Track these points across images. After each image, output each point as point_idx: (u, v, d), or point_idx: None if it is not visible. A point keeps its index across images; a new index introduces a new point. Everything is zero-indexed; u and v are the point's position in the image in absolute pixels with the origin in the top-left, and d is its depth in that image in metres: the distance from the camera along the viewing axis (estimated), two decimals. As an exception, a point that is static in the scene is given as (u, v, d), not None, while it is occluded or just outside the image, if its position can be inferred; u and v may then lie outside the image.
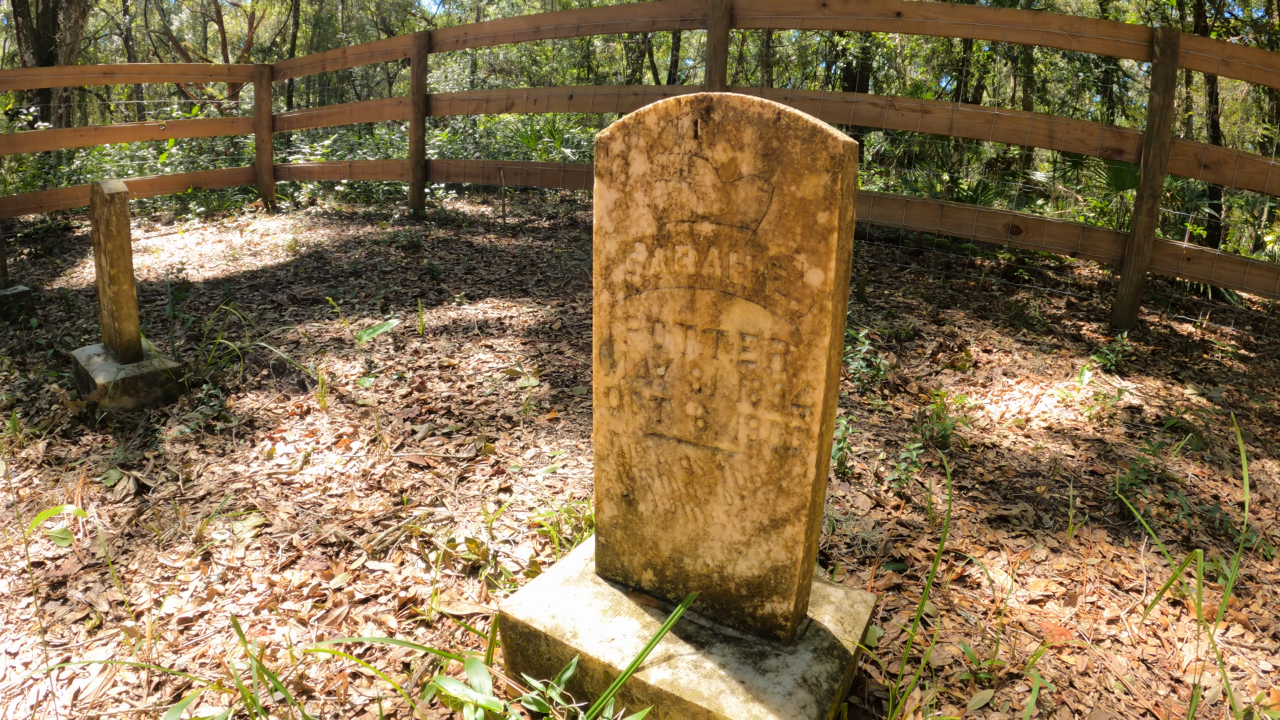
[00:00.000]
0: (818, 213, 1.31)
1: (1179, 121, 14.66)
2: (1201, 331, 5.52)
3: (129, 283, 3.66)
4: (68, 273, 6.41)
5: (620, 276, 1.55)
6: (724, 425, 1.53)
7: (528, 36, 7.51)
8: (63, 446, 3.29)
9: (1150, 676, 2.06)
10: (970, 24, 5.55)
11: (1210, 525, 2.86)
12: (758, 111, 1.32)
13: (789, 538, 1.53)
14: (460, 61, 20.68)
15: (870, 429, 3.42)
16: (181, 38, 23.29)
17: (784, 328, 1.40)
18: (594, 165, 1.52)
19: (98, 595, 2.33)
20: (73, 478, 3.01)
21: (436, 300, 5.19)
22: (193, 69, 10.99)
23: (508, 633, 1.79)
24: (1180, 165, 5.03)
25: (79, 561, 2.51)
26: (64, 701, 1.91)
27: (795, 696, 1.48)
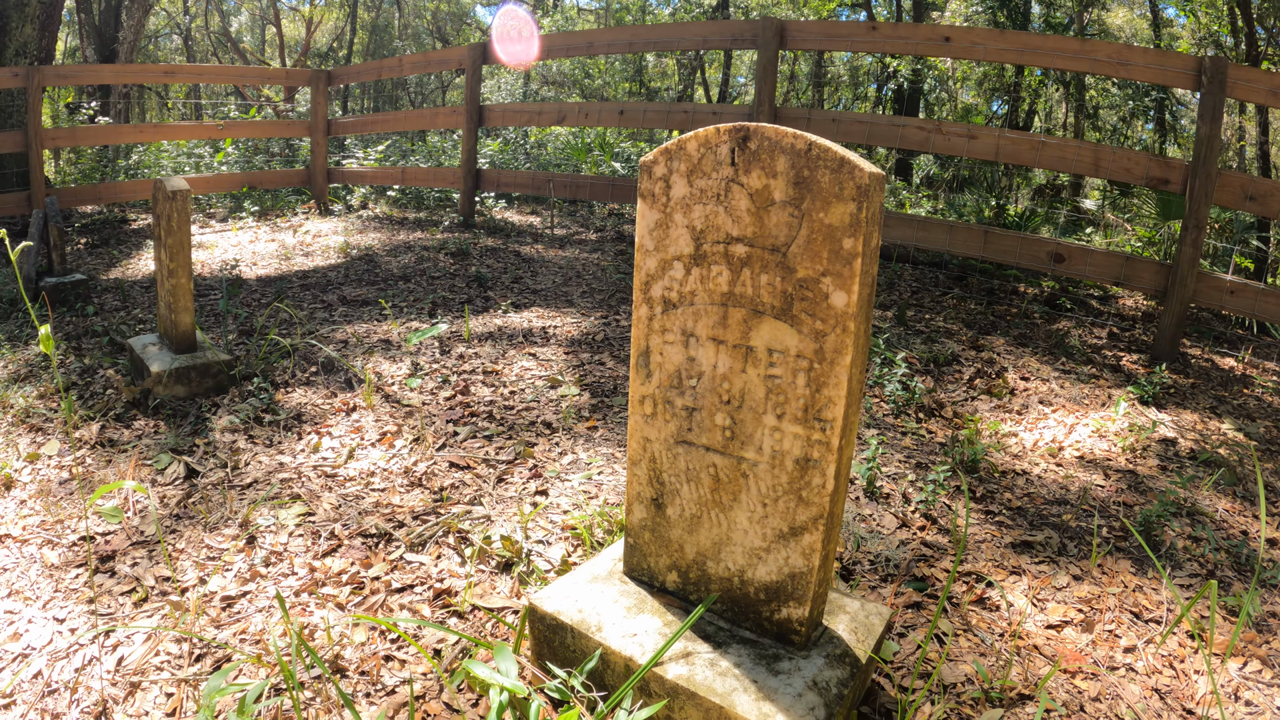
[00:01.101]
0: (844, 239, 1.39)
1: (1231, 151, 14.48)
2: (1243, 366, 5.48)
3: (187, 277, 3.80)
4: (123, 264, 6.60)
5: (659, 292, 1.64)
6: (750, 436, 1.62)
7: (581, 51, 7.64)
8: (115, 429, 3.42)
9: (1163, 706, 2.09)
10: (1018, 50, 5.59)
11: (1236, 560, 2.86)
12: (790, 142, 1.40)
13: (807, 546, 1.61)
14: (514, 73, 20.92)
15: (902, 451, 3.47)
16: (240, 39, 23.76)
17: (809, 346, 1.47)
18: (638, 186, 1.61)
19: (145, 570, 2.44)
20: (125, 459, 3.14)
21: (483, 307, 5.30)
22: (251, 71, 11.25)
23: (536, 624, 1.88)
24: (1226, 197, 5.02)
25: (128, 538, 2.62)
26: (108, 667, 2.01)
27: (804, 698, 1.55)
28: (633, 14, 18.00)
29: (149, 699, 1.93)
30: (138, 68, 9.35)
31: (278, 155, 11.59)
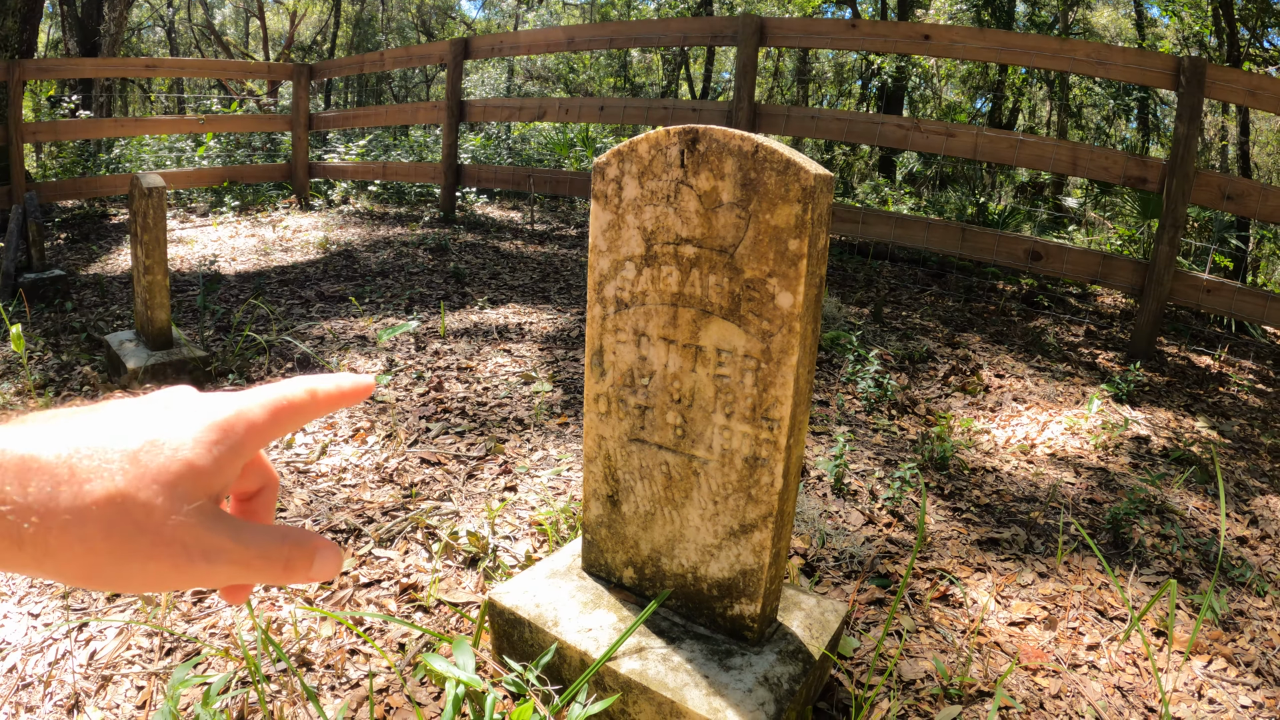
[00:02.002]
0: (789, 240, 1.40)
1: (1213, 151, 14.56)
2: (1219, 364, 5.52)
3: (163, 273, 3.79)
4: (103, 259, 6.57)
5: (611, 292, 1.65)
6: (700, 434, 1.63)
7: (562, 47, 7.63)
8: (89, 427, 3.40)
9: (1124, 704, 2.10)
10: (997, 49, 5.61)
11: (1205, 558, 2.88)
12: (738, 144, 1.41)
13: (757, 543, 1.62)
14: (498, 67, 20.87)
15: (872, 448, 3.49)
16: (224, 32, 23.64)
17: (756, 346, 1.49)
18: (591, 187, 1.62)
19: (118, 566, 2.44)
20: (99, 458, 3.13)
21: (460, 303, 5.30)
22: (233, 65, 11.20)
23: (495, 619, 1.89)
24: (1204, 196, 5.05)
25: (101, 535, 2.61)
26: (80, 660, 2.02)
27: (755, 694, 1.57)
28: (618, 9, 17.98)
29: (120, 692, 1.94)
30: (119, 61, 9.30)
31: (259, 150, 11.53)
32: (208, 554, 0.49)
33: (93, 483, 0.46)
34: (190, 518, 0.48)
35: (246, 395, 0.54)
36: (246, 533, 0.51)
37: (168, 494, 0.48)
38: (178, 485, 0.48)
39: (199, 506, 0.49)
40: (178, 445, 0.49)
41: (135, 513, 0.47)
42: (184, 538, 0.48)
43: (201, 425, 0.51)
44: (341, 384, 0.58)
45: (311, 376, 0.58)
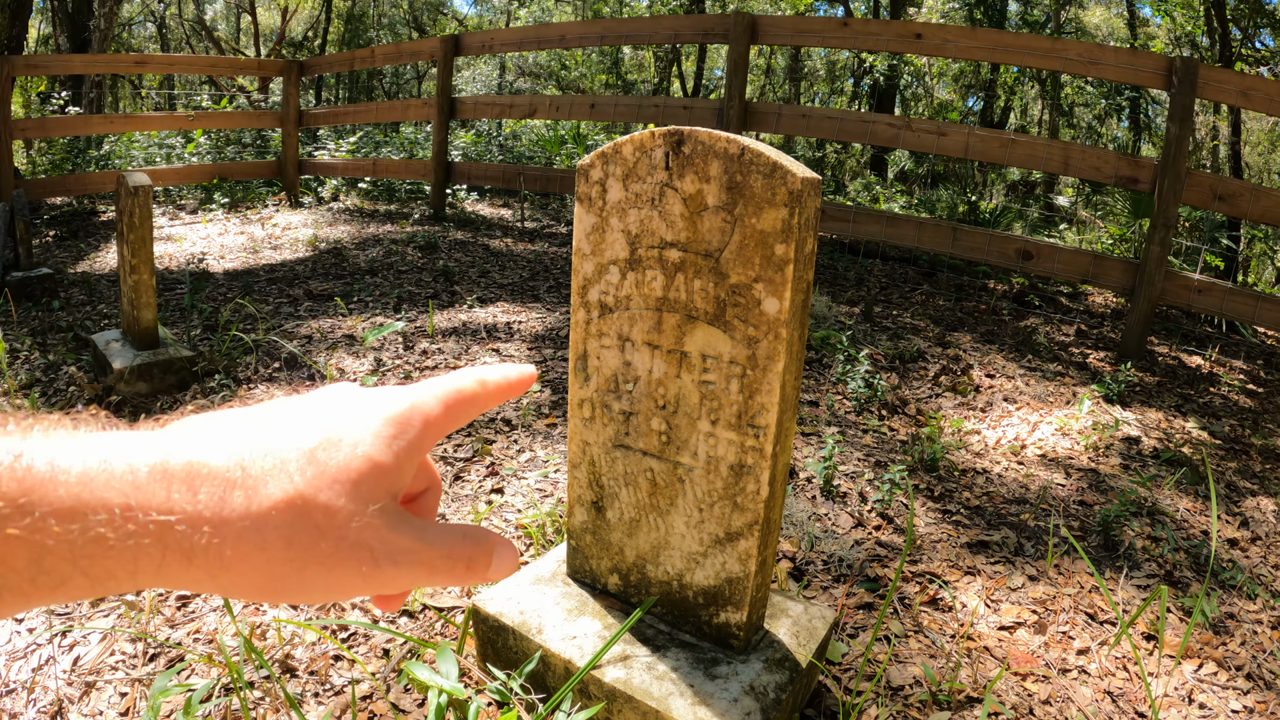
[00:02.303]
0: (776, 245, 1.37)
1: (1205, 151, 14.58)
2: (1210, 364, 5.52)
3: (149, 272, 3.76)
4: (91, 257, 6.53)
5: (595, 296, 1.63)
6: (685, 441, 1.61)
7: (553, 44, 7.61)
8: (76, 428, 3.37)
9: (1114, 709, 2.09)
10: (989, 48, 5.60)
11: (1196, 561, 2.86)
12: (724, 146, 1.39)
13: (743, 551, 1.60)
14: (489, 64, 20.81)
15: (862, 449, 3.47)
16: (215, 28, 23.54)
17: (742, 352, 1.46)
18: (575, 190, 1.59)
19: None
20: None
21: (449, 302, 5.28)
22: (223, 61, 11.14)
23: (479, 625, 1.87)
24: (1195, 196, 5.05)
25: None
26: (64, 666, 2.00)
27: (741, 703, 1.55)
28: (610, 6, 17.95)
29: (103, 699, 1.92)
30: (109, 57, 9.24)
31: (250, 146, 11.48)
32: (394, 557, 0.46)
33: (269, 486, 0.43)
34: (375, 519, 0.46)
35: (418, 388, 0.52)
36: (430, 532, 0.49)
37: (350, 495, 0.45)
38: (360, 485, 0.46)
39: (382, 507, 0.47)
40: (356, 441, 0.47)
41: (317, 516, 0.44)
42: (369, 540, 0.45)
43: (378, 420, 0.48)
44: (508, 374, 0.56)
45: (478, 367, 0.56)
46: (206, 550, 0.41)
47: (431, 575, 0.48)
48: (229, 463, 0.43)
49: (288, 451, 0.45)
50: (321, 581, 0.45)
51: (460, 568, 0.49)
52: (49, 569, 0.38)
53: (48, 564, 0.38)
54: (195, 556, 0.41)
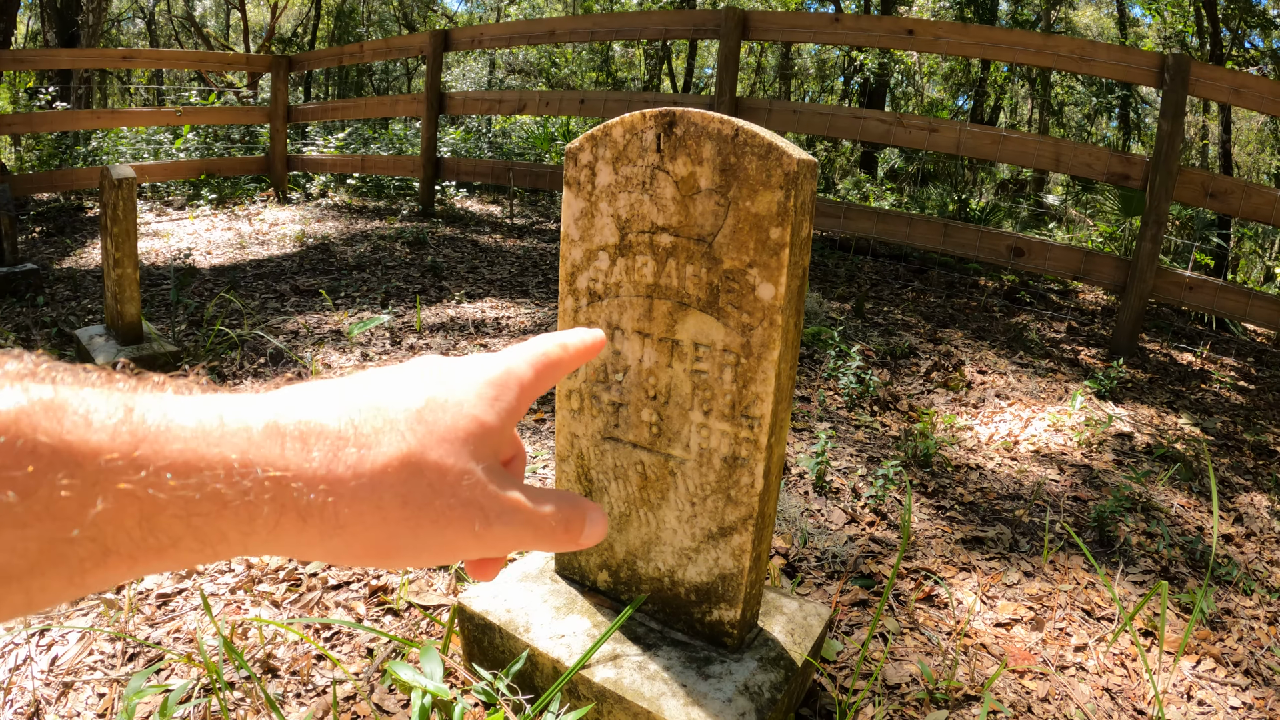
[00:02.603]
0: (771, 228, 1.33)
1: (1194, 150, 14.61)
2: (1201, 361, 5.51)
3: (133, 267, 3.71)
4: (77, 252, 6.46)
5: (584, 283, 1.58)
6: (677, 433, 1.56)
7: (544, 39, 7.56)
8: (58, 424, 3.32)
9: (1113, 707, 2.06)
10: (981, 44, 5.57)
11: (1191, 557, 2.85)
12: (717, 127, 1.34)
13: (736, 546, 1.55)
14: (479, 60, 20.74)
15: (854, 444, 3.44)
16: (204, 24, 23.41)
17: (735, 340, 1.42)
18: (564, 173, 1.55)
19: (81, 568, 2.36)
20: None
21: (437, 297, 5.23)
22: (211, 57, 11.07)
23: (465, 624, 1.82)
24: (1186, 194, 5.03)
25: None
26: (42, 666, 1.95)
27: (735, 703, 1.50)
28: (600, 3, 17.89)
29: (81, 699, 1.87)
30: (96, 52, 9.15)
31: (238, 142, 11.40)
32: (504, 515, 0.46)
33: (382, 445, 0.43)
34: (485, 477, 0.46)
35: (508, 353, 0.52)
36: (532, 492, 0.49)
37: (459, 453, 0.45)
38: (469, 443, 0.46)
39: (488, 466, 0.47)
40: (461, 401, 0.47)
41: (430, 474, 0.44)
42: (480, 499, 0.45)
43: (479, 382, 0.49)
44: (584, 337, 0.57)
45: (556, 332, 0.57)
46: (322, 509, 0.40)
47: (536, 536, 0.48)
48: (340, 423, 0.43)
49: (396, 412, 0.45)
50: (434, 541, 0.44)
51: (560, 529, 0.49)
52: (161, 528, 0.37)
53: (160, 522, 0.37)
54: (310, 517, 0.40)
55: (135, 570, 0.37)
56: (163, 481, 0.36)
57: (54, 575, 0.35)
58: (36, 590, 0.35)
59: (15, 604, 0.35)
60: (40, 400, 0.35)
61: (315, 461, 0.41)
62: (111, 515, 0.35)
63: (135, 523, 0.36)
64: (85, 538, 0.35)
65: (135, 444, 0.36)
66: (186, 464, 0.37)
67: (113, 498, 0.35)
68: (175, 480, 0.36)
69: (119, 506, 0.35)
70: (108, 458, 0.35)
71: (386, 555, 0.43)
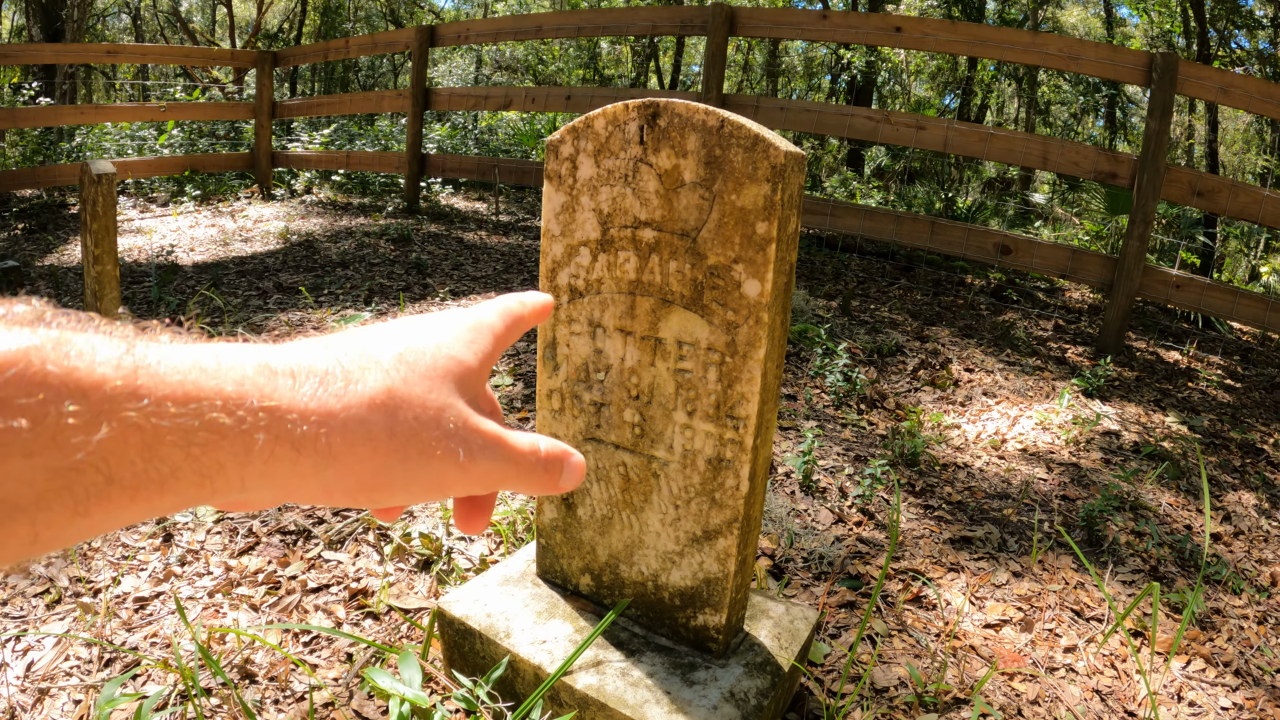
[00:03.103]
0: (757, 223, 1.29)
1: (1180, 149, 14.65)
2: (1188, 359, 5.51)
3: (113, 263, 3.65)
4: (60, 249, 6.39)
5: (565, 280, 1.54)
6: (660, 433, 1.52)
7: (530, 35, 7.51)
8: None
9: (1104, 709, 2.04)
10: (969, 42, 5.55)
11: (1180, 556, 2.83)
12: (702, 119, 1.30)
13: (721, 550, 1.52)
14: (466, 57, 20.66)
15: (841, 443, 3.41)
16: (190, 20, 23.24)
17: (720, 338, 1.38)
18: (545, 167, 1.51)
19: (59, 570, 2.32)
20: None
21: (420, 294, 5.18)
22: (196, 52, 10.98)
23: (445, 629, 1.78)
24: (1174, 192, 5.02)
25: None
26: (17, 672, 1.91)
27: (721, 710, 1.47)
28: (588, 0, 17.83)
29: (57, 706, 1.83)
30: (80, 47, 9.06)
31: (223, 138, 11.31)
32: (487, 449, 0.48)
33: (366, 380, 0.45)
34: (465, 411, 0.48)
35: (477, 307, 0.55)
36: (511, 431, 0.51)
37: (440, 389, 0.48)
38: (448, 380, 0.48)
39: (470, 400, 0.49)
40: (439, 343, 0.50)
41: (415, 406, 0.46)
42: (462, 432, 0.47)
43: (455, 328, 0.52)
44: (537, 298, 0.60)
45: (513, 294, 0.60)
46: (315, 441, 0.42)
47: (518, 472, 0.50)
48: (328, 363, 0.44)
49: (379, 353, 0.47)
50: (422, 474, 0.46)
51: (540, 469, 0.51)
52: (161, 457, 0.38)
53: (161, 451, 0.38)
54: (304, 447, 0.42)
55: (137, 504, 0.38)
56: (164, 409, 0.38)
57: (59, 508, 0.36)
58: (42, 524, 0.36)
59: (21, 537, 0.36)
60: (49, 337, 0.37)
61: (306, 394, 0.42)
62: (115, 444, 0.36)
63: (138, 452, 0.37)
64: (89, 465, 0.36)
65: (136, 374, 0.38)
66: (185, 394, 0.38)
67: (117, 424, 0.36)
68: (175, 408, 0.38)
69: (122, 434, 0.36)
70: (112, 386, 0.37)
71: (379, 489, 0.45)
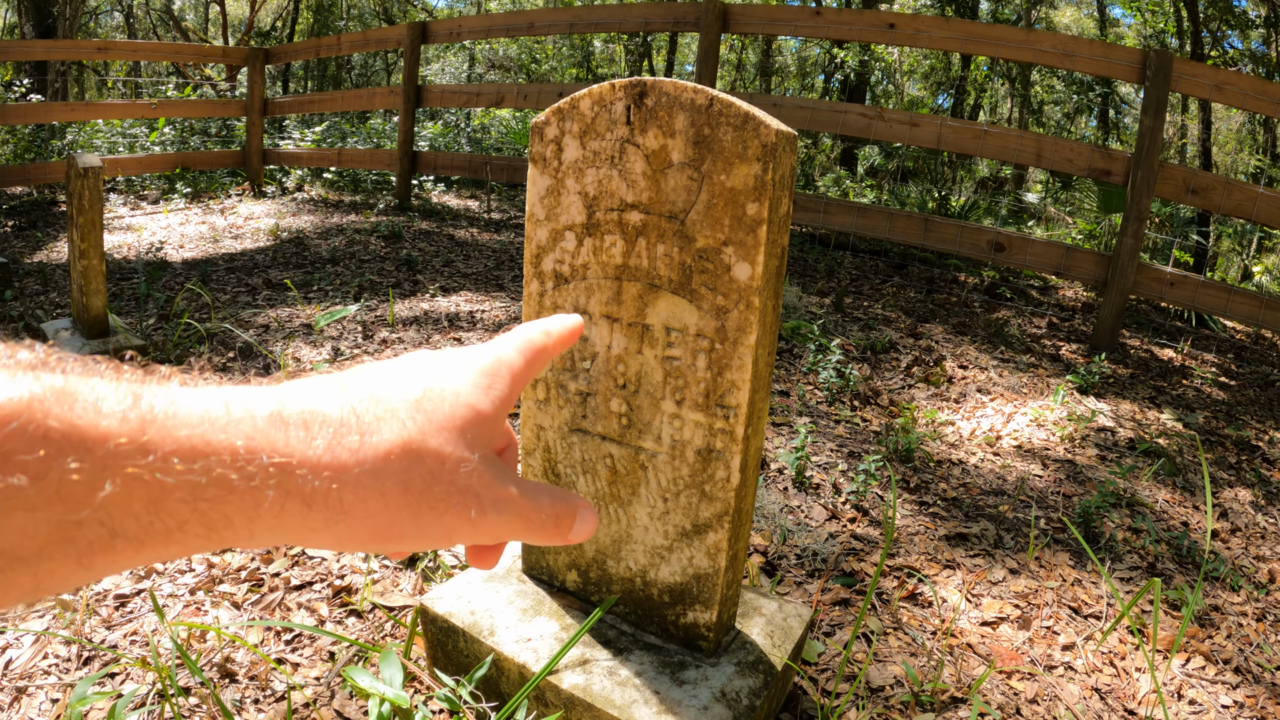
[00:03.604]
0: (747, 204, 1.25)
1: (1172, 150, 14.66)
2: (1182, 357, 5.49)
3: (99, 258, 3.61)
4: (49, 246, 6.34)
5: (550, 266, 1.49)
6: (648, 424, 1.47)
7: (522, 31, 7.46)
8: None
9: (1103, 707, 2.00)
10: (963, 38, 5.52)
11: (1177, 552, 2.80)
12: (690, 97, 1.26)
13: (711, 545, 1.47)
14: (459, 56, 20.61)
15: (834, 439, 3.37)
16: (182, 17, 23.16)
17: (710, 324, 1.33)
18: (529, 150, 1.46)
19: (37, 568, 2.28)
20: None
21: (411, 291, 5.14)
22: (187, 49, 10.91)
23: (428, 627, 1.73)
24: (1168, 189, 4.99)
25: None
26: (-4, 670, 1.87)
27: (711, 711, 1.42)
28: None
29: (34, 705, 1.79)
30: (70, 44, 9.00)
31: (215, 136, 11.25)
32: (498, 504, 0.47)
33: (383, 433, 0.44)
34: (481, 466, 0.47)
35: (496, 343, 0.54)
36: (526, 485, 0.50)
37: (457, 441, 0.46)
38: (466, 432, 0.47)
39: (484, 455, 0.48)
40: (457, 390, 0.48)
41: (429, 461, 0.45)
42: (477, 487, 0.46)
43: (473, 371, 0.50)
44: (565, 323, 0.58)
45: (537, 321, 0.57)
46: (326, 496, 0.41)
47: (527, 528, 0.49)
48: (343, 411, 0.43)
49: (396, 401, 0.45)
50: (434, 526, 0.45)
51: (550, 523, 0.51)
52: (168, 512, 0.37)
53: (167, 506, 0.37)
54: (315, 502, 0.41)
55: (142, 555, 0.37)
56: (170, 466, 0.37)
57: (62, 559, 0.35)
58: (44, 574, 0.35)
59: (23, 586, 0.35)
60: (52, 387, 0.36)
61: (319, 448, 0.41)
62: (119, 499, 0.36)
63: (143, 506, 0.36)
64: (93, 520, 0.35)
65: (143, 429, 0.37)
66: (193, 449, 0.38)
67: (121, 481, 0.36)
68: (182, 465, 0.37)
69: (127, 490, 0.36)
70: (116, 442, 0.36)
71: (389, 540, 0.44)
